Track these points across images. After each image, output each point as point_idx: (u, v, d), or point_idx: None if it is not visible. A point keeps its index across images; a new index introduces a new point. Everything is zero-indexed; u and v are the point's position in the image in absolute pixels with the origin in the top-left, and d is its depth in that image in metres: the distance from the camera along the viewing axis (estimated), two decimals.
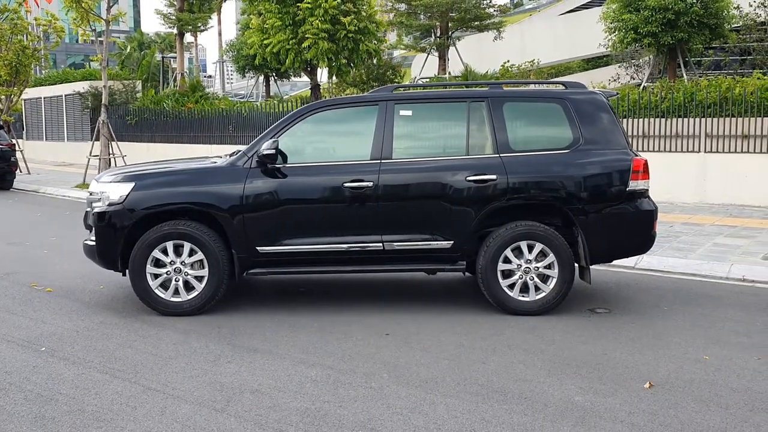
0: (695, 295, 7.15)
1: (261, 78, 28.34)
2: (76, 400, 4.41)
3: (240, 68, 26.97)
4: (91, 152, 18.09)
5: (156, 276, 6.32)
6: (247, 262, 6.36)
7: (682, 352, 5.37)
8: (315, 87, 14.14)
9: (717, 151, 13.35)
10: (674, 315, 6.41)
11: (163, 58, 27.66)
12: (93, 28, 17.99)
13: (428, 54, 22.15)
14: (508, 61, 20.54)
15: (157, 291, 6.33)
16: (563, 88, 6.74)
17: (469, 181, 6.27)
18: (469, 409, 4.28)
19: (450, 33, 21.58)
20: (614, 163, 6.37)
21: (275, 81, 29.23)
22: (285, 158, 6.36)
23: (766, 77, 13.59)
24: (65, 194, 17.29)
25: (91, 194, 6.67)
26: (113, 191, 6.35)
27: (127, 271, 6.46)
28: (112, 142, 18.12)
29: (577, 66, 31.79)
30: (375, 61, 12.99)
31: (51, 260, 8.89)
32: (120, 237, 6.31)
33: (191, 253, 6.29)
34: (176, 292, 6.33)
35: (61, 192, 17.60)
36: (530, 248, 6.31)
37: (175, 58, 29.18)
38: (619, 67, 21.80)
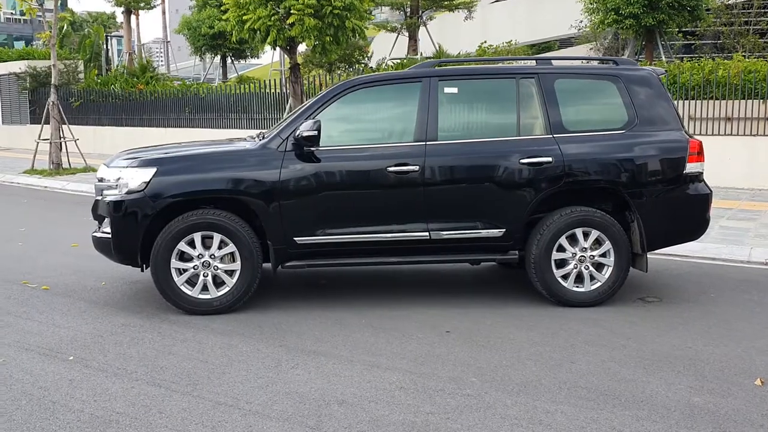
0: (733, 281, 6.93)
1: (217, 58, 27.23)
2: (140, 420, 3.79)
3: (197, 48, 25.80)
4: (39, 136, 16.91)
5: (182, 271, 5.67)
6: (284, 253, 5.77)
7: (766, 342, 5.08)
8: (295, 66, 13.43)
9: (700, 134, 13.29)
10: (726, 302, 6.14)
11: (107, 37, 26.26)
12: (40, 2, 16.77)
13: (398, 34, 21.59)
14: (485, 42, 20.21)
15: (183, 287, 5.68)
16: (614, 64, 6.36)
17: (523, 164, 5.83)
18: (591, 417, 3.85)
19: (420, 12, 21.06)
20: (671, 144, 6.03)
21: (233, 61, 28.12)
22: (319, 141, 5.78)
23: (747, 60, 13.60)
24: (13, 180, 16.12)
25: (100, 180, 5.95)
26: (132, 177, 5.66)
27: (145, 266, 5.81)
28: (63, 125, 16.97)
29: (522, 51, 31.54)
30: (359, 39, 12.41)
31: (31, 254, 8.06)
32: (141, 229, 5.62)
33: (221, 245, 5.67)
34: (204, 288, 5.70)
35: (8, 178, 16.41)
36: (585, 235, 5.93)
37: (120, 37, 27.75)
38: (591, 49, 21.75)
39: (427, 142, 5.83)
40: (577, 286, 5.97)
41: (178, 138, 19.97)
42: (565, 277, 5.95)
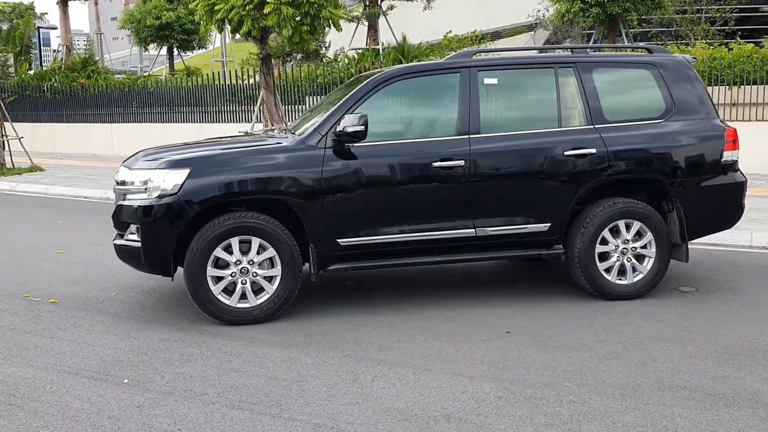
0: (749, 267, 6.99)
1: (163, 50, 26.18)
2: None
3: (141, 40, 24.68)
4: None
5: (218, 279, 5.28)
6: (327, 256, 5.45)
7: None
8: (267, 57, 12.94)
9: None
10: (761, 290, 6.15)
11: (39, 28, 24.90)
12: None
13: (358, 24, 21.21)
14: (450, 31, 20.06)
15: (220, 297, 5.29)
16: (648, 52, 6.26)
17: (568, 155, 5.68)
18: (713, 419, 3.71)
19: (380, 2, 20.70)
20: (709, 132, 5.99)
21: (179, 53, 27.06)
22: None
23: (711, 48, 13.87)
24: None
25: (121, 184, 5.48)
26: (162, 179, 5.22)
27: (174, 276, 5.40)
28: (5, 123, 16.00)
29: (458, 43, 31.24)
30: (334, 29, 12.05)
31: (17, 263, 7.44)
32: (174, 235, 5.20)
33: (260, 249, 5.30)
34: (243, 296, 5.33)
35: None
36: (627, 227, 5.82)
37: (46, 29, 26.40)
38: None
39: (471, 136, 5.61)
40: (620, 279, 5.87)
41: (126, 134, 19.15)
42: (607, 270, 5.84)
